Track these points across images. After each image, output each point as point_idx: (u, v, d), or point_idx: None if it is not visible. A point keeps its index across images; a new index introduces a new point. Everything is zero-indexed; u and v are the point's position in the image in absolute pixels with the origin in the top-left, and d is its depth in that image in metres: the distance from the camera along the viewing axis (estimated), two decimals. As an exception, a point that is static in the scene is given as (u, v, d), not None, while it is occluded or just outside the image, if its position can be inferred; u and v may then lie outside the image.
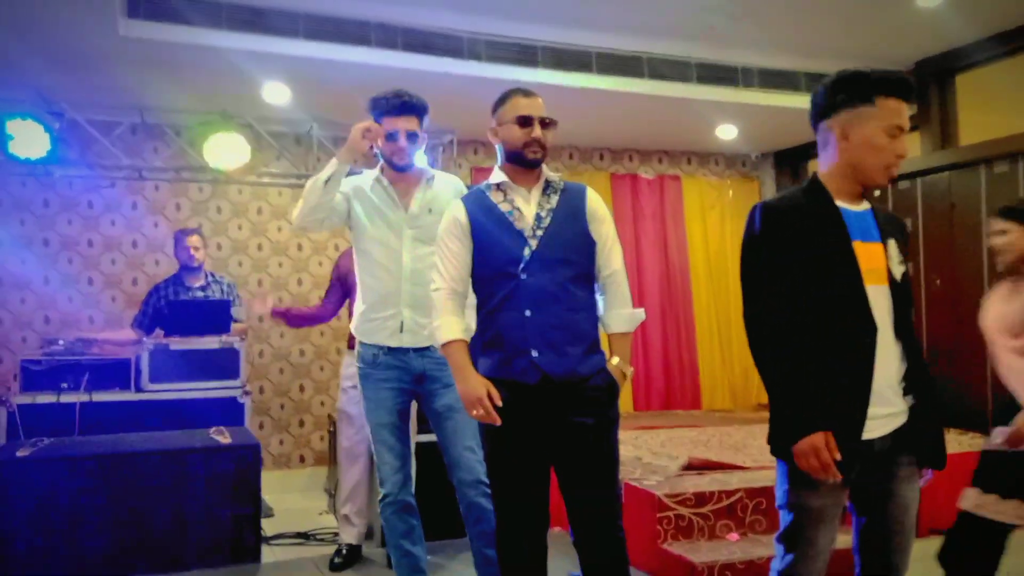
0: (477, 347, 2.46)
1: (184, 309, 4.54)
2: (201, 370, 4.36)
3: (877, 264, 1.95)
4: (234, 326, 4.62)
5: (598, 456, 2.35)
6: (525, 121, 2.39)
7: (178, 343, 4.35)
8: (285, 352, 5.98)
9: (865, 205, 2.05)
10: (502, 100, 2.46)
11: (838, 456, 1.87)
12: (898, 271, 1.99)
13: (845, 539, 2.03)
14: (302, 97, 4.92)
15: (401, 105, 2.78)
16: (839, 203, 2.00)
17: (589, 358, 2.35)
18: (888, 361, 1.94)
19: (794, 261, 1.94)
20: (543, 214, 2.40)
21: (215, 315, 4.53)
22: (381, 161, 2.87)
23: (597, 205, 2.46)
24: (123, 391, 4.17)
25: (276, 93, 4.86)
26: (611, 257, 2.42)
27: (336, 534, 3.84)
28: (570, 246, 2.38)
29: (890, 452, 1.96)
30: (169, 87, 4.67)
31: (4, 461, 3.42)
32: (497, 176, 2.45)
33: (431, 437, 3.01)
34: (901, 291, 1.99)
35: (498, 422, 2.32)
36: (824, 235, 1.95)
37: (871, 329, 1.91)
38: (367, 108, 2.86)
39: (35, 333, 5.37)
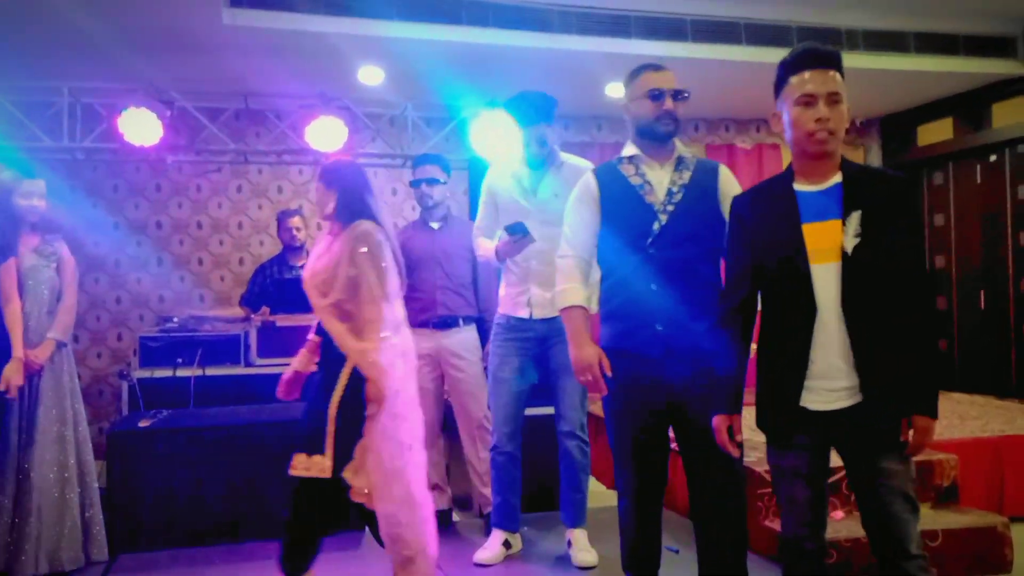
0: (599, 315, 2.54)
1: (288, 287, 4.70)
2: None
3: (829, 243, 1.98)
4: (335, 303, 4.76)
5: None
6: (656, 95, 2.40)
7: (283, 320, 4.52)
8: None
9: (832, 181, 2.04)
10: (633, 76, 2.48)
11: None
12: (850, 244, 1.96)
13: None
14: (396, 78, 5.00)
15: (540, 109, 3.19)
16: (799, 185, 2.06)
17: (716, 333, 2.32)
18: (832, 336, 1.97)
19: (746, 245, 2.09)
20: (675, 189, 2.41)
21: (317, 293, 4.68)
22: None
23: (730, 183, 2.47)
24: (233, 365, 4.38)
25: (371, 75, 4.95)
26: None
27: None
28: (700, 222, 2.39)
29: (856, 427, 1.97)
30: (270, 72, 4.81)
31: (128, 431, 3.63)
32: (629, 150, 2.49)
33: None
34: (855, 265, 1.95)
35: (605, 391, 2.45)
36: (773, 219, 2.06)
37: (810, 307, 1.97)
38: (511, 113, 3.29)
39: (151, 311, 5.69)
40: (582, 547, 3.24)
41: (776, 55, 2.18)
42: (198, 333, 4.39)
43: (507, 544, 3.33)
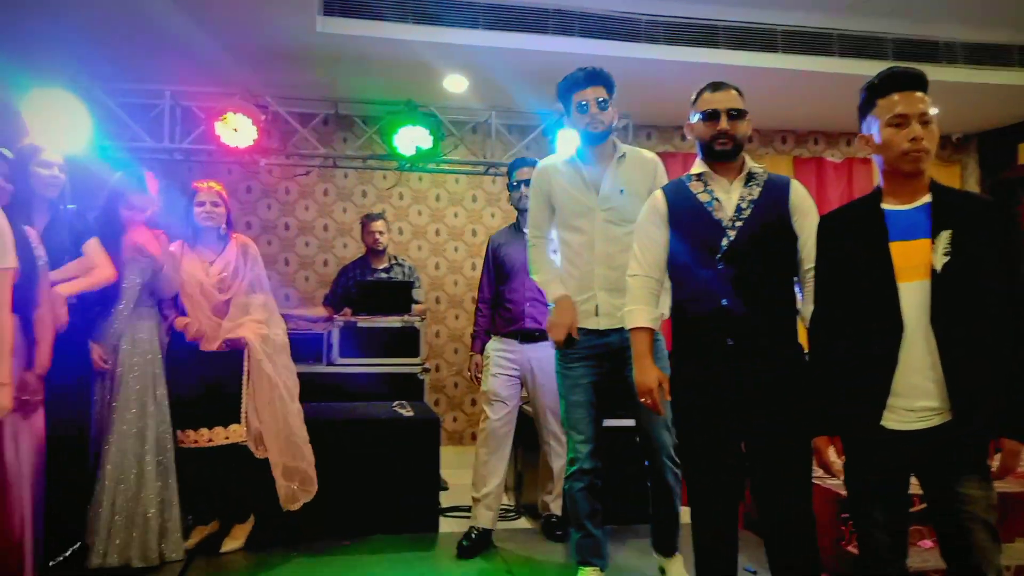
0: (672, 329, 2.52)
1: (370, 289, 4.81)
2: (384, 347, 4.62)
3: (917, 261, 1.99)
4: (415, 307, 4.85)
5: (789, 445, 2.31)
6: (710, 115, 2.41)
7: (364, 321, 4.62)
8: (460, 333, 6.18)
9: (921, 200, 2.05)
10: (695, 96, 2.49)
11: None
12: (939, 262, 1.96)
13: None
14: (480, 86, 5.06)
15: (588, 75, 2.88)
16: (887, 204, 2.08)
17: (785, 349, 2.35)
18: (917, 355, 1.96)
19: (833, 264, 2.13)
20: (743, 205, 2.40)
21: (398, 296, 4.78)
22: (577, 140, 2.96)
23: (802, 198, 2.44)
24: (316, 364, 4.50)
25: (456, 83, 5.02)
26: (813, 251, 2.33)
27: (510, 510, 3.94)
28: (770, 238, 2.37)
29: (938, 448, 1.94)
30: (359, 79, 4.94)
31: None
32: (698, 166, 2.49)
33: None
34: (945, 283, 1.94)
35: (663, 414, 2.52)
36: (860, 237, 2.08)
37: (896, 326, 1.97)
38: (556, 96, 2.96)
39: (239, 309, 5.88)
40: (681, 573, 2.99)
41: (870, 67, 2.17)
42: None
43: None
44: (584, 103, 2.87)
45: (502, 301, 3.73)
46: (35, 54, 4.31)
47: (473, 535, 3.58)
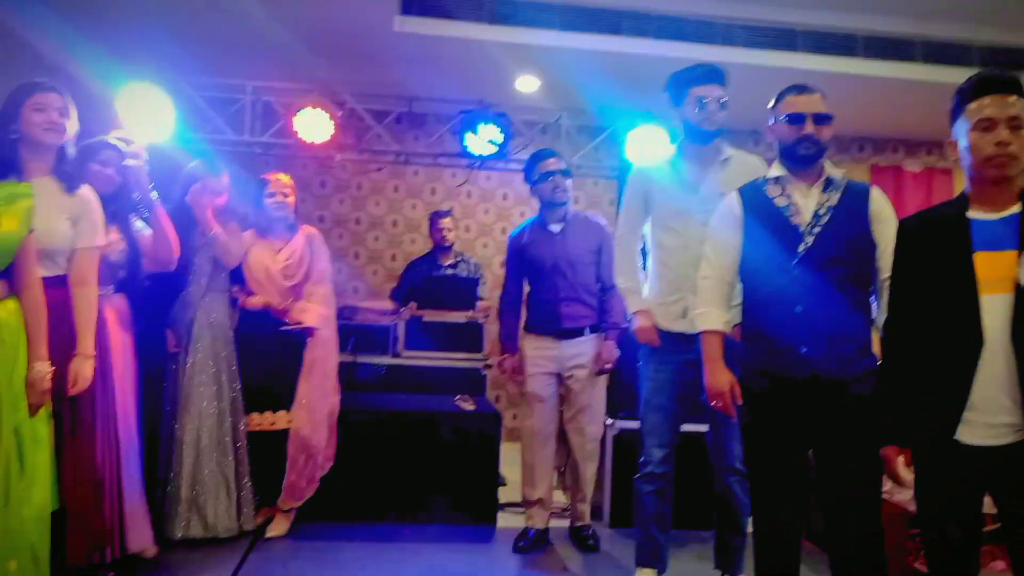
0: (743, 334, 2.49)
1: (436, 285, 4.88)
2: (448, 341, 4.69)
3: (1002, 273, 1.92)
4: (479, 303, 4.90)
5: (860, 457, 2.26)
6: (796, 119, 2.36)
7: (430, 315, 4.70)
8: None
9: (1011, 210, 1.97)
10: (778, 98, 2.45)
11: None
12: None
13: None
14: (552, 87, 5.09)
15: (713, 72, 2.85)
16: (974, 213, 2.02)
17: (860, 359, 2.30)
18: (997, 369, 1.91)
19: (912, 271, 2.08)
20: (822, 211, 2.36)
21: (463, 292, 4.84)
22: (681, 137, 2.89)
23: (882, 206, 2.39)
24: (382, 355, 4.59)
25: (528, 83, 5.06)
26: (891, 261, 2.27)
27: (566, 509, 3.94)
28: (848, 245, 2.33)
29: (1016, 466, 1.90)
30: (433, 78, 5.02)
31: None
32: (776, 170, 2.45)
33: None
34: None
35: (735, 417, 2.45)
36: (942, 246, 2.02)
37: (976, 338, 1.91)
38: (666, 87, 2.92)
39: (309, 300, 6.03)
40: None
41: (954, 75, 2.12)
42: (352, 322, 4.63)
43: None
44: (705, 99, 2.81)
45: (535, 300, 3.65)
46: (128, 50, 4.50)
47: (530, 534, 3.60)
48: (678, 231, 2.87)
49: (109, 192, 2.85)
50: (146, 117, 4.03)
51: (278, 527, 3.57)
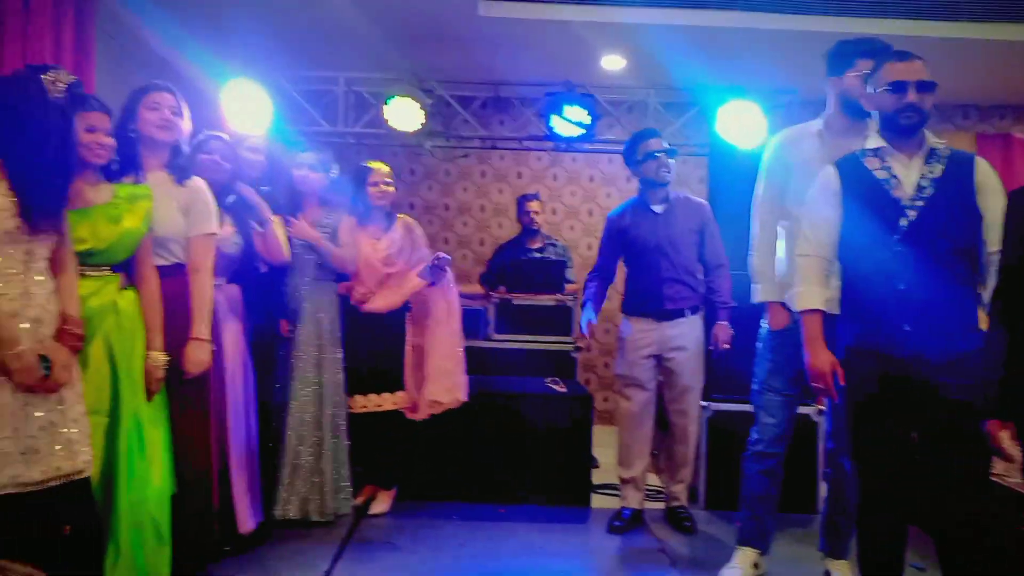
0: (842, 313, 2.42)
1: (525, 268, 4.92)
2: (538, 324, 4.72)
3: None
4: (567, 286, 4.91)
5: (965, 437, 2.19)
6: (898, 87, 2.27)
7: (519, 299, 4.74)
8: (612, 313, 6.19)
9: None
10: (877, 65, 2.35)
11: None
12: None
13: None
14: (638, 64, 5.03)
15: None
16: None
17: (965, 337, 2.21)
18: None
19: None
20: (925, 183, 2.27)
21: (552, 275, 4.86)
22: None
23: (987, 176, 2.28)
24: (473, 338, 4.66)
25: (613, 62, 5.02)
26: (999, 233, 2.19)
27: (660, 491, 3.94)
28: (953, 219, 2.24)
29: None
30: (519, 61, 5.04)
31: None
32: (875, 141, 2.36)
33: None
34: None
35: (836, 399, 2.39)
36: None
37: None
38: (828, 54, 2.78)
39: (403, 286, 6.18)
40: None
41: None
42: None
43: (756, 566, 2.96)
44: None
45: (636, 282, 3.62)
46: (230, 48, 4.68)
47: (625, 514, 3.61)
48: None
49: (221, 184, 2.99)
50: (247, 112, 4.21)
51: (380, 504, 3.69)
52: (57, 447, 2.06)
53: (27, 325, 2.04)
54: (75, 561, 2.14)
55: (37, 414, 2.05)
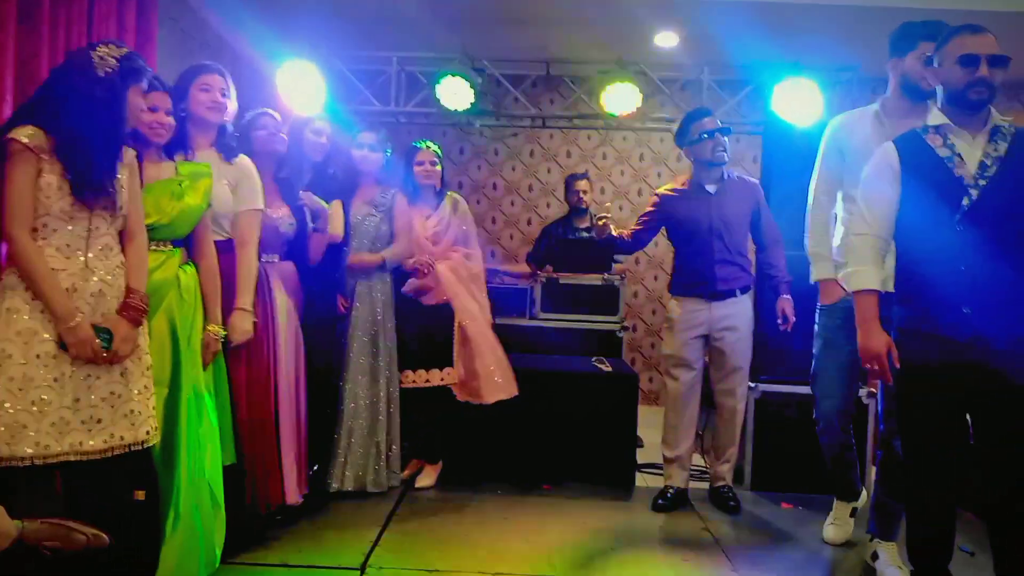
0: (897, 294, 2.39)
1: (572, 248, 4.93)
2: (585, 304, 4.74)
3: None
4: (615, 266, 4.91)
5: (1022, 418, 2.14)
6: (969, 60, 2.20)
7: (566, 278, 4.75)
8: (659, 293, 6.17)
9: None
10: (946, 38, 2.28)
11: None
12: None
13: None
14: (692, 41, 4.97)
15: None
16: None
17: None
18: None
19: None
20: (988, 162, 2.21)
21: (599, 255, 4.86)
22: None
23: None
24: (520, 317, 4.70)
25: (667, 38, 4.96)
26: None
27: (705, 471, 3.94)
28: (1017, 198, 2.17)
29: None
30: (570, 39, 5.01)
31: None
32: (937, 118, 2.31)
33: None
34: None
35: (890, 381, 2.36)
36: None
37: None
38: (892, 39, 2.76)
39: (449, 263, 6.23)
40: (893, 562, 2.80)
41: None
42: (490, 285, 4.74)
43: (853, 512, 3.22)
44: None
45: (687, 262, 3.58)
46: (286, 29, 4.76)
47: (669, 493, 3.62)
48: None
49: (273, 157, 3.05)
50: (302, 92, 4.28)
51: (427, 478, 3.76)
52: (120, 417, 2.15)
53: (88, 299, 2.13)
54: (136, 525, 2.23)
55: (101, 385, 2.13)
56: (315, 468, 3.45)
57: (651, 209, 3.70)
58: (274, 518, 3.01)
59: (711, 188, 3.55)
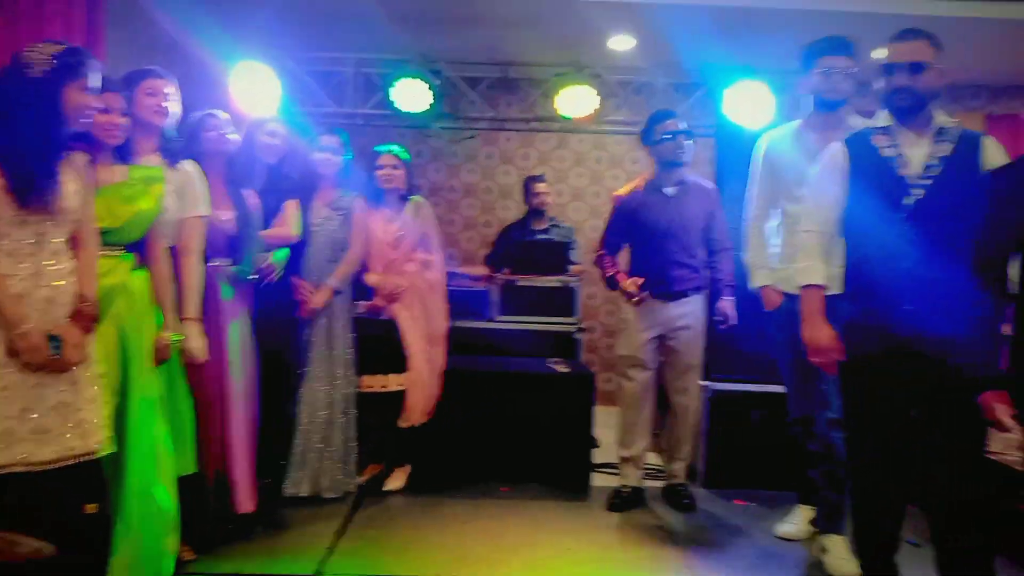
0: (846, 290, 2.45)
1: (529, 250, 4.95)
2: (542, 306, 4.75)
3: None
4: (572, 268, 4.94)
5: (964, 414, 2.21)
6: (887, 69, 2.30)
7: (523, 280, 4.77)
8: (614, 295, 6.21)
9: None
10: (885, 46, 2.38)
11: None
12: None
13: None
14: (646, 44, 5.01)
15: (838, 44, 2.89)
16: None
17: (968, 316, 2.19)
18: None
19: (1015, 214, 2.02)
20: (933, 162, 2.28)
21: (557, 256, 4.89)
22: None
23: (995, 155, 2.28)
24: (476, 319, 4.70)
25: (622, 42, 5.01)
26: None
27: (660, 470, 3.99)
28: (960, 197, 2.24)
29: None
30: (526, 42, 5.03)
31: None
32: (883, 119, 2.38)
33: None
34: None
35: (835, 373, 2.43)
36: None
37: None
38: (802, 59, 2.93)
39: (408, 265, 6.21)
40: (841, 555, 2.89)
41: None
42: (448, 287, 4.74)
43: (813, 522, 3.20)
44: (830, 69, 2.84)
45: (643, 262, 3.63)
46: (239, 29, 4.69)
47: (623, 492, 3.67)
48: (802, 200, 2.77)
49: (223, 159, 3.01)
50: (256, 93, 4.23)
51: (396, 481, 3.77)
52: (70, 426, 2.11)
53: (38, 306, 2.08)
54: (84, 537, 2.19)
55: (50, 394, 2.09)
56: (269, 479, 3.39)
57: (614, 215, 3.75)
58: (226, 527, 2.97)
59: (670, 191, 3.60)
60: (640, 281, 3.54)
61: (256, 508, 3.07)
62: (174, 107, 2.72)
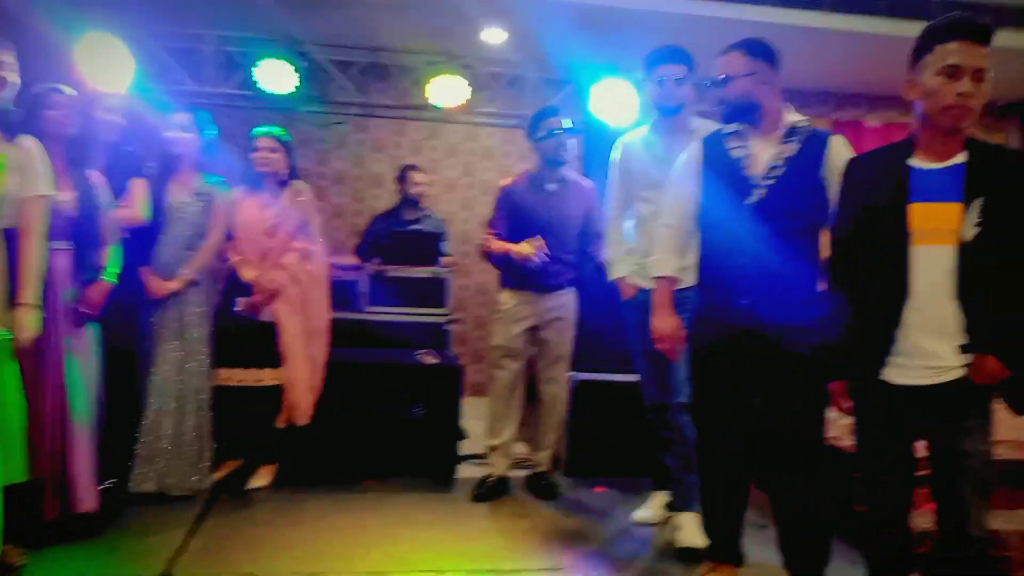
0: (699, 282, 2.56)
1: (400, 240, 4.88)
2: (412, 297, 4.70)
3: (939, 224, 1.92)
4: (443, 259, 4.91)
5: (799, 404, 2.35)
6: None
7: (395, 270, 4.70)
8: (486, 287, 6.25)
9: (955, 160, 1.95)
10: None
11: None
12: (970, 232, 1.88)
13: None
14: (518, 39, 5.04)
15: (671, 53, 2.99)
16: (917, 160, 2.00)
17: (804, 309, 2.32)
18: (928, 318, 1.94)
19: (851, 213, 2.11)
20: (778, 162, 2.37)
21: (428, 247, 4.85)
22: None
23: (839, 154, 2.34)
24: (345, 311, 4.59)
25: (494, 35, 5.02)
26: None
27: (527, 459, 4.04)
28: (799, 196, 2.34)
29: (946, 404, 1.94)
30: (399, 28, 4.94)
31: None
32: (736, 123, 2.49)
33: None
34: (974, 254, 1.88)
35: (677, 359, 2.61)
36: (880, 193, 2.02)
37: (900, 290, 1.95)
38: (644, 68, 3.04)
39: (274, 254, 6.00)
40: (692, 531, 2.98)
41: (917, 29, 2.06)
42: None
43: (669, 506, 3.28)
44: (663, 78, 2.97)
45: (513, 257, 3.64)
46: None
47: (489, 482, 3.69)
48: (652, 200, 2.97)
49: (65, 139, 2.82)
50: (105, 67, 3.95)
51: (262, 479, 3.64)
52: None
53: None
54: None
55: None
56: (116, 478, 3.22)
57: (498, 204, 3.76)
58: (60, 529, 2.77)
59: (551, 187, 3.64)
60: (537, 240, 3.51)
61: (100, 507, 2.89)
62: (12, 77, 2.51)
